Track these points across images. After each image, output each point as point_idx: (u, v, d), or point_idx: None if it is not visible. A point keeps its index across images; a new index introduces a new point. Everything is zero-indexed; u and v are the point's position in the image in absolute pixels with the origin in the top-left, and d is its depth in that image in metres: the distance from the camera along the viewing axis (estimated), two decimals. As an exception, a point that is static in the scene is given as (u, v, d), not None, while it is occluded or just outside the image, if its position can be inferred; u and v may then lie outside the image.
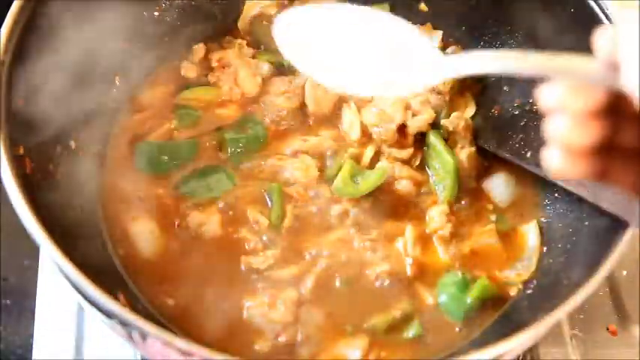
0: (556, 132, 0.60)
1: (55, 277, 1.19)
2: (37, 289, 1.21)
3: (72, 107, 1.13)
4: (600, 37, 0.59)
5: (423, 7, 1.43)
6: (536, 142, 1.19)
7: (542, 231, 1.20)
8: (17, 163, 0.93)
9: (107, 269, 1.09)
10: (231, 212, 1.17)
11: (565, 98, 0.60)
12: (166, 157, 1.22)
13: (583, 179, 0.63)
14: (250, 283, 1.10)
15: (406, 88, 0.83)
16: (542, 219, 1.22)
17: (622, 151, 0.62)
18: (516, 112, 1.24)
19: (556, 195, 1.22)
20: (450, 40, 1.42)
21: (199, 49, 1.37)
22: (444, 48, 1.39)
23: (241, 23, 1.40)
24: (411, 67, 0.80)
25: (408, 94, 1.19)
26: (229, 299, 1.08)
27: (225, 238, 1.15)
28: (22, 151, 0.97)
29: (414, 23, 1.41)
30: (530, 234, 1.20)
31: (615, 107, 0.61)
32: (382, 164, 1.22)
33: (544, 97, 0.61)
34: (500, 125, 1.25)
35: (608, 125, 0.60)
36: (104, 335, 1.15)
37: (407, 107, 1.25)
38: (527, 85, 1.28)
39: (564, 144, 0.61)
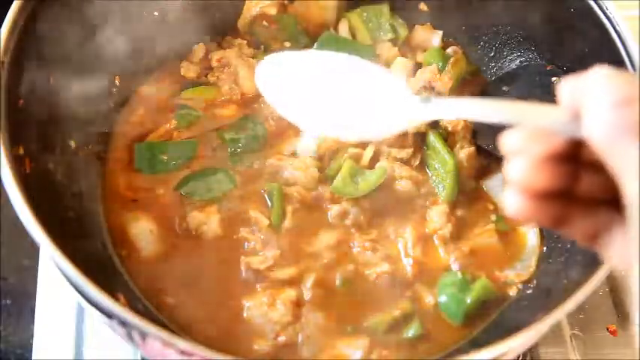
0: (514, 174, 0.63)
1: (55, 277, 1.18)
2: (37, 289, 1.21)
3: (72, 107, 1.13)
4: (564, 88, 0.61)
5: (423, 7, 1.44)
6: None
7: (542, 231, 1.20)
8: (17, 163, 0.93)
9: (107, 269, 1.09)
10: (231, 212, 1.17)
11: (525, 143, 0.62)
12: (166, 157, 1.22)
13: (540, 224, 0.65)
14: (250, 283, 1.10)
15: (380, 133, 0.86)
16: (542, 219, 1.22)
17: (580, 200, 0.64)
18: (516, 112, 1.24)
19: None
20: (449, 40, 1.42)
21: (199, 49, 1.37)
22: (444, 48, 1.39)
23: (241, 23, 1.40)
24: (386, 112, 0.83)
25: (382, 138, 1.21)
26: (229, 299, 1.08)
27: (225, 238, 1.15)
28: (22, 151, 0.97)
29: (414, 23, 1.43)
30: (530, 234, 1.20)
31: (575, 155, 0.63)
32: (382, 164, 1.22)
33: (506, 142, 0.64)
34: (499, 125, 1.25)
35: (566, 172, 0.63)
36: (104, 335, 1.15)
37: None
38: (526, 85, 1.28)
39: (521, 186, 0.63)
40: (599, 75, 0.58)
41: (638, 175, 0.55)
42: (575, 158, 0.63)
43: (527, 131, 0.63)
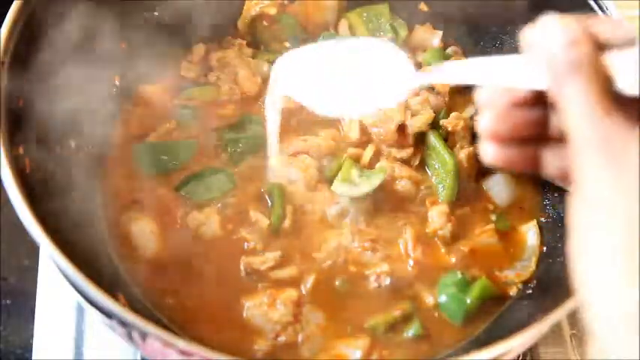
0: (483, 124, 0.69)
1: (55, 277, 1.18)
2: (37, 289, 1.21)
3: (72, 107, 1.12)
4: (524, 35, 0.66)
5: (423, 7, 1.44)
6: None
7: (542, 231, 1.20)
8: (17, 163, 0.93)
9: (107, 269, 1.09)
10: (230, 212, 1.17)
11: (491, 95, 0.69)
12: (166, 157, 1.22)
13: (516, 168, 0.71)
14: (250, 283, 1.10)
15: (385, 103, 0.93)
16: (542, 219, 1.22)
17: (550, 142, 0.69)
18: (516, 112, 1.24)
19: (556, 195, 1.22)
20: (449, 40, 1.42)
21: (199, 49, 1.37)
22: (444, 48, 1.39)
23: (241, 23, 1.40)
24: (389, 83, 0.90)
25: (386, 107, 1.23)
26: (229, 299, 1.08)
27: (224, 239, 1.15)
28: (22, 151, 0.97)
29: (414, 23, 1.43)
30: (530, 234, 1.20)
31: (542, 100, 0.67)
32: (382, 164, 1.22)
33: (477, 98, 0.70)
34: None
35: (533, 117, 0.68)
36: (104, 335, 1.15)
37: (406, 107, 1.25)
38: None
39: (491, 135, 0.68)
40: (550, 20, 0.64)
41: (579, 114, 0.59)
42: (542, 103, 0.67)
43: (495, 85, 0.69)
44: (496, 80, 0.69)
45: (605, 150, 0.58)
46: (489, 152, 0.69)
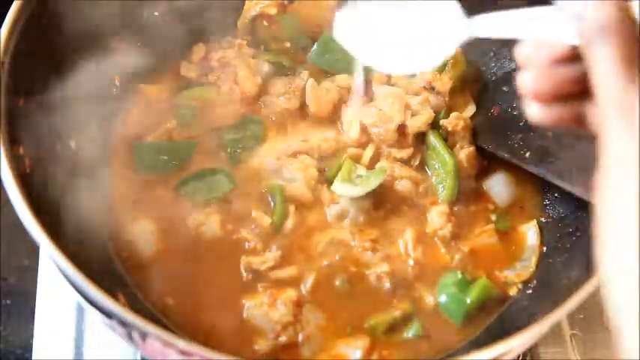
0: (524, 84, 0.68)
1: (55, 277, 1.19)
2: (37, 289, 1.21)
3: (72, 107, 1.13)
4: None
5: (423, 7, 1.43)
6: (535, 142, 1.19)
7: (542, 231, 1.20)
8: (17, 163, 0.93)
9: (107, 269, 1.09)
10: (230, 213, 1.17)
11: (532, 52, 0.68)
12: (166, 157, 1.22)
13: (564, 126, 0.70)
14: (250, 283, 1.10)
15: (439, 57, 0.90)
16: (542, 219, 1.22)
17: (592, 96, 0.67)
18: (515, 113, 1.24)
19: (556, 195, 1.22)
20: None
21: (199, 49, 1.37)
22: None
23: (241, 23, 1.40)
24: (441, 34, 0.88)
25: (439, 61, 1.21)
26: (229, 299, 1.08)
27: (224, 239, 1.15)
28: (22, 151, 0.97)
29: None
30: (530, 234, 1.20)
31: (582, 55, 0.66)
32: (382, 164, 1.22)
33: (516, 55, 0.69)
34: (499, 125, 1.25)
35: (575, 72, 0.67)
36: (104, 335, 1.15)
37: (406, 107, 1.25)
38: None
39: (535, 94, 0.68)
40: None
41: (604, 75, 0.60)
42: (582, 58, 0.66)
43: (533, 42, 0.68)
44: (539, 33, 0.68)
45: (627, 115, 0.58)
46: (535, 112, 0.69)
